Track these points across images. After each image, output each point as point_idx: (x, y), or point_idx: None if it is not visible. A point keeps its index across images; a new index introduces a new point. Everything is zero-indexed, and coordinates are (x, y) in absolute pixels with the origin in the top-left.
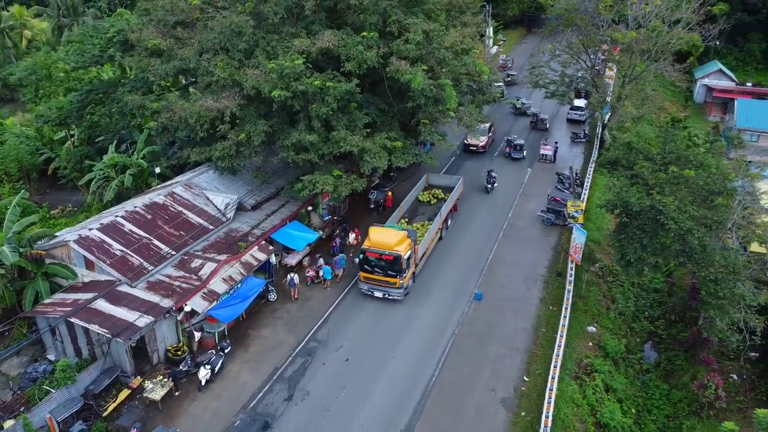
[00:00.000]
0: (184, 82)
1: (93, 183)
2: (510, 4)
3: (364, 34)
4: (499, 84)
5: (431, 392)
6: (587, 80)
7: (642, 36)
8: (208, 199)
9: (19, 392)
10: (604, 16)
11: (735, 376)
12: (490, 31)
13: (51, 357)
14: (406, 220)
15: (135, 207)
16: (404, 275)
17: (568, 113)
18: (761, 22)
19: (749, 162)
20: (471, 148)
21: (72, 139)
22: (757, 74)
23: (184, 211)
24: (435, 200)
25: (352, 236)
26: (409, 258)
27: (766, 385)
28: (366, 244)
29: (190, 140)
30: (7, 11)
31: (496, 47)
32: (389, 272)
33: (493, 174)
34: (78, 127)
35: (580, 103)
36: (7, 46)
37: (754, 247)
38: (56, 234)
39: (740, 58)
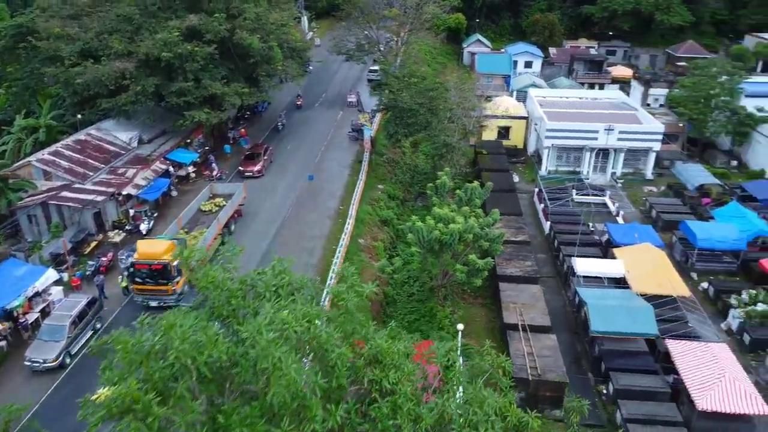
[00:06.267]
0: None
1: (10, 143)
2: None
3: (216, 15)
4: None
5: (289, 217)
6: (374, 47)
7: (401, 12)
8: (115, 135)
9: (28, 251)
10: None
11: None
12: (305, 19)
13: (29, 239)
14: (185, 230)
15: (67, 142)
16: (176, 281)
17: (368, 74)
18: (508, 4)
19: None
20: (247, 173)
21: None
22: (510, 42)
23: (101, 143)
24: (216, 208)
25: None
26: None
27: None
28: (135, 257)
29: (95, 96)
30: None
31: (311, 33)
32: (160, 281)
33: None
34: None
35: (375, 66)
36: None
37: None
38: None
39: (497, 31)
